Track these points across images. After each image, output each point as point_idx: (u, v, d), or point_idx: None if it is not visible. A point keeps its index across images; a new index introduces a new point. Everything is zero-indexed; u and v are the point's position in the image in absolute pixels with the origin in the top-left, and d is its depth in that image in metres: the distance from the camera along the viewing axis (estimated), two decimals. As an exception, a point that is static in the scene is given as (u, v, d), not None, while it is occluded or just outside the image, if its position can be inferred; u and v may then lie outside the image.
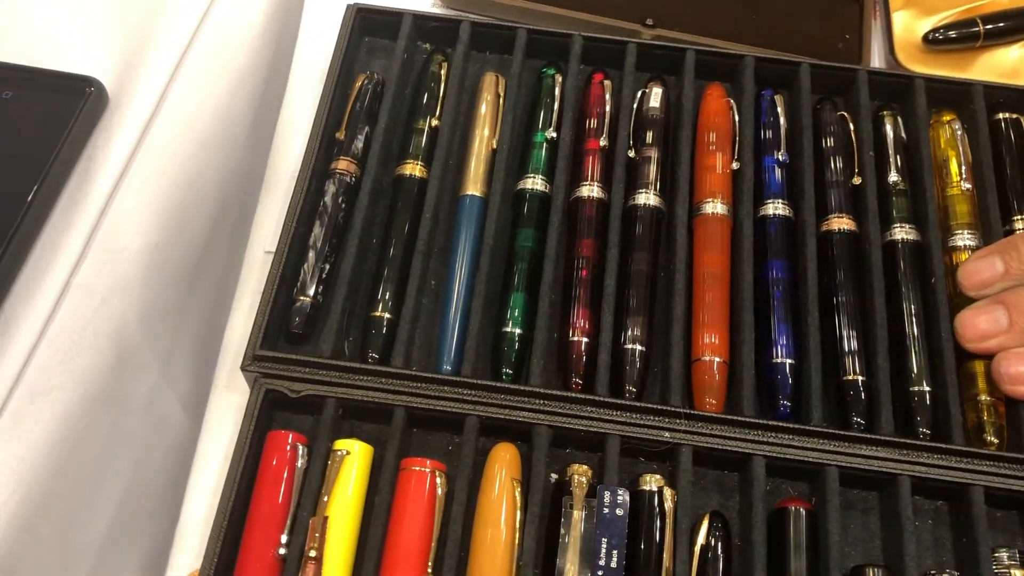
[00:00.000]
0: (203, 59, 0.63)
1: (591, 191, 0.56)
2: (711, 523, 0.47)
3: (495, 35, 0.61)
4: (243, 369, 0.49)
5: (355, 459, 0.47)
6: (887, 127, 0.59)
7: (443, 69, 0.59)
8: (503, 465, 0.47)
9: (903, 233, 0.55)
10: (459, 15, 0.63)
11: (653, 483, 0.48)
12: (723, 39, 0.64)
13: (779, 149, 0.57)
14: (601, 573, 0.45)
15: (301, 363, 0.49)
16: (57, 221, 0.53)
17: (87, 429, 0.53)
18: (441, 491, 0.47)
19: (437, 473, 0.47)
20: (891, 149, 0.58)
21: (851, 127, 0.58)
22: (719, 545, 0.47)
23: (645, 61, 0.60)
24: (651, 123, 0.58)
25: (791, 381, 0.51)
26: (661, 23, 0.64)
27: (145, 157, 0.58)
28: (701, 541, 0.47)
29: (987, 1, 0.67)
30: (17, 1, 0.59)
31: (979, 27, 0.65)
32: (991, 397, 0.50)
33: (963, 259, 0.54)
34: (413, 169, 0.56)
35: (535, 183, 0.56)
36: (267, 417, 0.49)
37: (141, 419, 0.59)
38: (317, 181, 0.55)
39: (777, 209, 0.55)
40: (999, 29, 0.65)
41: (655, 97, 0.59)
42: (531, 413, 0.49)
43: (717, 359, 0.51)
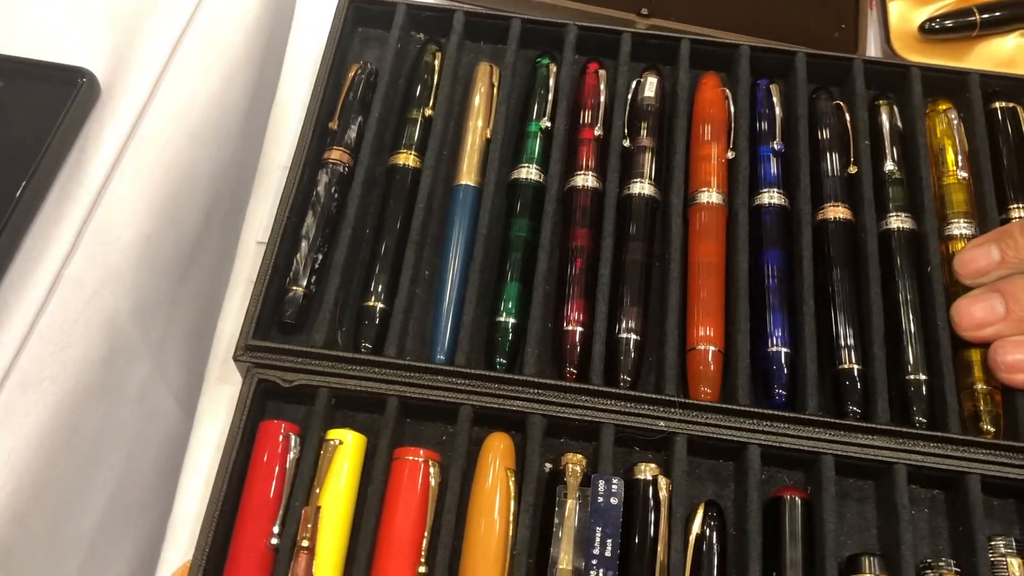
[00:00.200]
0: (196, 50, 0.63)
1: (586, 180, 0.55)
2: (706, 512, 0.47)
3: (489, 25, 0.61)
4: (235, 359, 0.49)
5: (348, 449, 0.47)
6: (883, 116, 0.58)
7: (437, 59, 0.59)
8: (497, 455, 0.47)
9: (899, 222, 0.55)
10: (453, 5, 0.63)
11: (648, 472, 0.47)
12: (718, 28, 0.63)
13: (774, 138, 0.57)
14: (595, 562, 0.44)
15: (294, 353, 0.49)
16: (48, 212, 0.52)
17: (79, 420, 0.53)
18: (434, 481, 0.46)
19: (430, 463, 0.47)
20: (887, 138, 0.57)
21: (847, 116, 0.58)
22: (714, 534, 0.47)
23: (640, 51, 0.60)
24: (646, 113, 0.58)
25: (786, 370, 0.50)
26: (656, 12, 0.64)
27: (137, 148, 0.58)
28: (696, 530, 0.47)
29: (984, -10, 0.67)
30: (9, -8, 0.59)
31: (975, 16, 0.65)
32: (987, 385, 0.50)
33: (959, 248, 0.53)
34: (407, 159, 0.56)
35: (529, 173, 0.56)
36: (259, 407, 0.49)
37: (134, 410, 0.59)
38: (310, 171, 0.55)
39: (772, 198, 0.55)
40: (996, 18, 0.65)
41: (650, 86, 0.59)
42: (525, 402, 0.48)
43: (712, 348, 0.51)
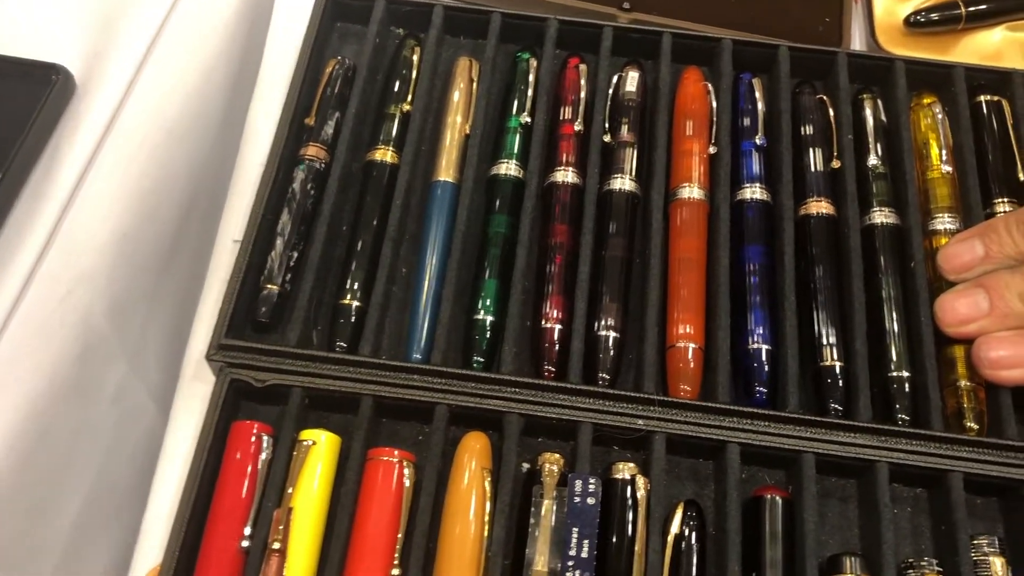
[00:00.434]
0: (174, 45, 0.62)
1: (565, 176, 0.55)
2: (685, 512, 0.46)
3: (469, 20, 0.60)
4: (208, 358, 0.48)
5: (321, 449, 0.46)
6: (867, 110, 0.57)
7: (415, 54, 0.58)
8: (473, 455, 0.46)
9: (882, 217, 0.54)
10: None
11: (626, 471, 0.47)
12: (702, 22, 0.63)
13: (757, 133, 0.56)
14: (571, 563, 0.44)
15: (266, 352, 0.48)
16: (22, 210, 0.52)
17: (53, 421, 0.52)
18: (409, 481, 0.46)
19: (405, 463, 0.46)
20: (871, 132, 0.57)
21: (830, 110, 0.57)
22: (693, 534, 0.46)
23: (621, 45, 0.59)
24: (627, 108, 0.57)
25: (767, 367, 0.50)
26: (638, 6, 0.63)
27: (113, 145, 0.57)
28: (675, 530, 0.46)
29: (969, -17, 0.66)
30: (-20, -14, 0.58)
31: (961, 9, 0.64)
32: (971, 382, 0.49)
33: (943, 243, 0.53)
34: (384, 155, 0.55)
35: (508, 168, 0.55)
36: (232, 407, 0.48)
37: (109, 410, 0.58)
38: (286, 168, 0.54)
39: (755, 193, 0.54)
40: (981, 12, 0.64)
41: (631, 81, 0.58)
42: (502, 401, 0.48)
43: (692, 345, 0.50)
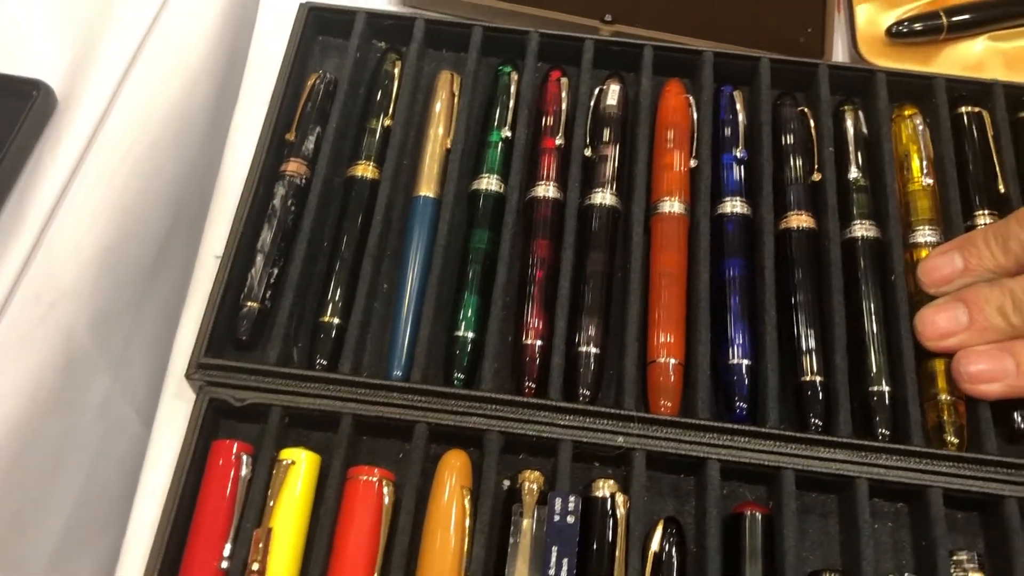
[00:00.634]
0: (155, 59, 0.62)
1: (546, 191, 0.55)
2: (665, 529, 0.46)
3: (450, 33, 0.60)
4: (187, 377, 0.48)
5: (300, 469, 0.46)
6: (848, 122, 0.58)
7: (397, 67, 0.58)
8: (453, 473, 0.46)
9: (863, 230, 0.54)
10: (414, 13, 0.62)
11: (606, 489, 0.47)
12: (684, 34, 0.63)
13: (738, 146, 0.56)
14: (551, 582, 0.44)
15: (246, 371, 0.48)
16: (3, 226, 0.52)
17: (35, 436, 0.52)
18: (388, 500, 0.46)
19: (384, 482, 0.46)
20: (852, 144, 0.57)
21: (811, 122, 0.57)
22: (673, 551, 0.46)
23: (603, 58, 0.59)
24: (608, 121, 0.57)
25: (747, 382, 0.50)
26: (620, 19, 0.63)
27: (95, 160, 0.57)
28: (654, 548, 0.46)
29: (951, -7, 0.66)
30: (-40, 2, 0.58)
31: (943, 19, 0.64)
32: (951, 396, 0.49)
33: (924, 256, 0.53)
34: (365, 170, 0.55)
35: (490, 183, 0.55)
36: (212, 426, 0.48)
37: (94, 423, 0.58)
38: (266, 184, 0.54)
39: (735, 207, 0.54)
40: (963, 22, 0.64)
41: (612, 95, 0.58)
42: (482, 419, 0.48)
43: (672, 361, 0.50)
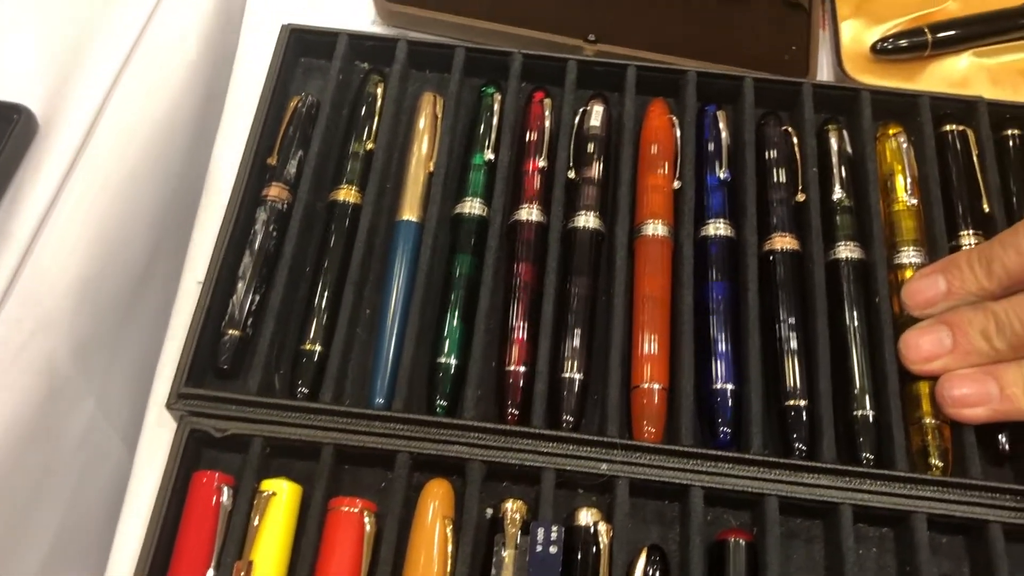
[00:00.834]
0: (137, 83, 0.62)
1: (530, 214, 0.54)
2: (649, 557, 0.46)
3: (433, 54, 0.60)
4: (168, 407, 0.48)
5: (282, 500, 0.46)
6: (832, 141, 0.57)
7: (379, 89, 0.58)
8: (435, 502, 0.46)
9: (847, 251, 0.54)
10: (397, 34, 0.62)
11: (589, 517, 0.46)
12: (668, 53, 0.62)
13: (721, 167, 0.56)
14: (533, 613, 0.43)
15: (227, 400, 0.48)
16: (-17, 253, 0.52)
17: (15, 465, 0.52)
18: (370, 531, 0.45)
19: (366, 513, 0.46)
20: (836, 165, 0.56)
21: (795, 142, 0.57)
22: (657, 580, 0.46)
23: (586, 78, 0.59)
24: (592, 142, 0.57)
25: (731, 407, 0.49)
26: (604, 38, 0.62)
27: (77, 186, 0.57)
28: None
29: (936, 9, 0.66)
30: (-62, 27, 0.58)
31: (927, 36, 0.64)
32: (936, 420, 0.49)
33: (908, 276, 0.53)
34: (347, 195, 0.55)
35: (473, 207, 0.55)
36: (193, 456, 0.48)
37: (76, 454, 0.58)
38: (247, 209, 0.54)
39: (719, 229, 0.54)
40: (948, 38, 0.64)
41: (596, 115, 0.58)
42: (464, 447, 0.47)
43: (656, 386, 0.50)
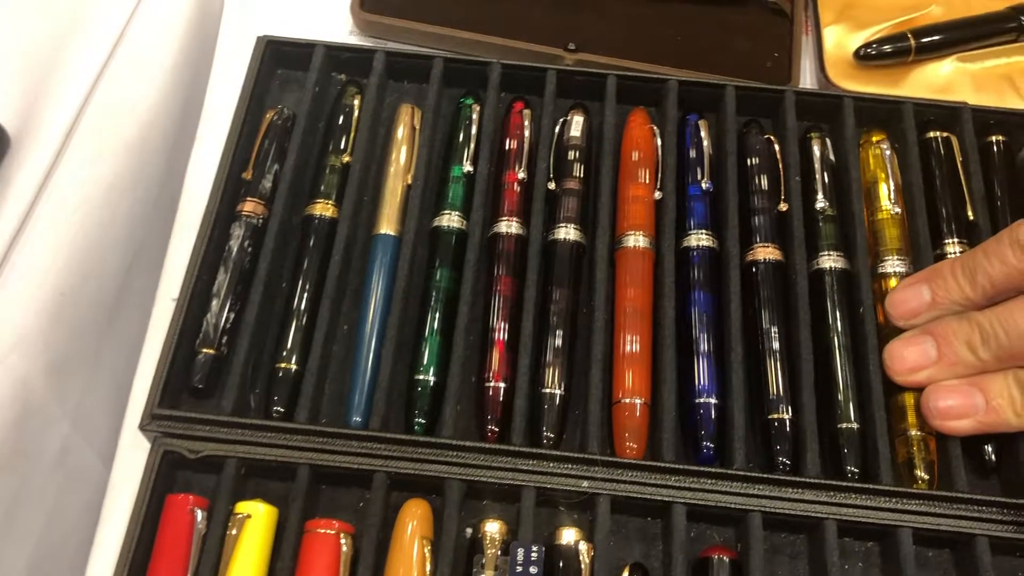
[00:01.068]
0: (111, 97, 0.61)
1: (509, 227, 0.54)
2: (631, 575, 0.45)
3: (411, 64, 0.59)
4: (141, 429, 0.47)
5: (257, 523, 0.45)
6: (815, 149, 0.57)
7: (356, 100, 0.57)
8: (413, 523, 0.45)
9: (831, 261, 0.53)
10: (375, 44, 0.61)
11: (571, 536, 0.46)
12: (649, 62, 0.62)
13: (703, 177, 0.55)
14: (513, 636, 0.43)
15: (201, 421, 0.47)
16: (-48, 273, 0.51)
17: (-11, 489, 0.51)
18: (347, 553, 0.45)
19: (343, 535, 0.45)
20: (818, 173, 0.56)
21: (777, 150, 0.56)
22: (640, 599, 0.45)
23: (566, 87, 0.58)
24: (572, 153, 0.56)
25: (714, 421, 0.49)
26: (584, 47, 0.62)
27: (49, 202, 0.56)
28: (620, 596, 0.45)
29: (920, 15, 0.65)
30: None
31: (911, 41, 0.63)
32: (921, 432, 0.49)
33: (892, 286, 0.52)
34: (323, 209, 0.54)
35: (451, 220, 0.54)
36: (167, 479, 0.47)
37: (52, 475, 0.57)
38: (222, 225, 0.53)
39: (700, 240, 0.53)
40: (931, 43, 0.63)
41: (576, 126, 0.57)
42: (443, 466, 0.46)
43: (638, 400, 0.49)
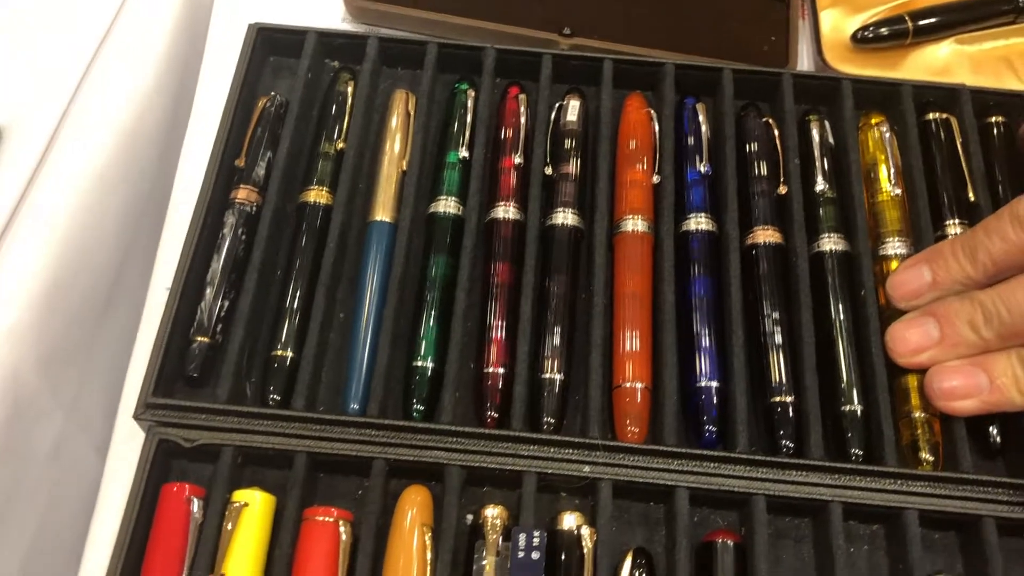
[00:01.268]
0: (102, 86, 0.60)
1: (507, 212, 0.53)
2: (635, 560, 0.45)
3: (405, 50, 0.59)
4: (135, 418, 0.46)
5: (254, 511, 0.44)
6: (814, 132, 0.56)
7: (349, 87, 0.57)
8: (413, 510, 0.45)
9: (831, 243, 0.52)
10: (368, 31, 0.60)
11: (572, 521, 0.45)
12: (645, 46, 0.61)
13: (702, 160, 0.55)
14: (516, 622, 0.42)
15: (196, 410, 0.46)
16: (-58, 265, 0.50)
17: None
18: (346, 540, 0.44)
19: (342, 522, 0.44)
20: (818, 155, 0.55)
21: (776, 134, 0.56)
22: (643, 584, 0.45)
23: (562, 72, 0.58)
24: (568, 138, 0.55)
25: (716, 405, 0.48)
26: (579, 32, 0.61)
27: (41, 192, 0.56)
28: (623, 581, 0.44)
29: (916, -4, 0.65)
30: None
31: (908, 24, 0.63)
32: (925, 413, 0.48)
33: (894, 268, 0.52)
34: (318, 196, 0.53)
35: (448, 206, 0.53)
36: (162, 469, 0.46)
37: (47, 468, 0.56)
38: (215, 212, 0.52)
39: (700, 224, 0.53)
40: (929, 25, 0.63)
41: (572, 110, 0.56)
42: (442, 452, 0.46)
43: (639, 385, 0.49)
